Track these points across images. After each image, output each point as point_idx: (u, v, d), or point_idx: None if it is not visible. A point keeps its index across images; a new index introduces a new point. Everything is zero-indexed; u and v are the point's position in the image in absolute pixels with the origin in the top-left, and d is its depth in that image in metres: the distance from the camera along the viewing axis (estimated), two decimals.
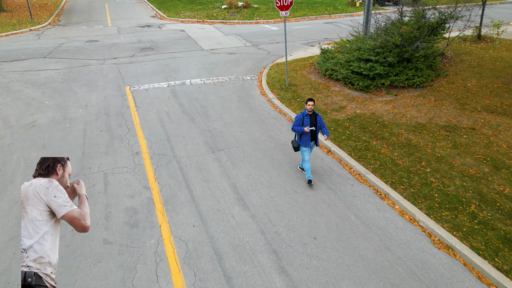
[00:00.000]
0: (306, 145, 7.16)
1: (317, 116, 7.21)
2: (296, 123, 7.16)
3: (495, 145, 7.72)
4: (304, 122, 7.08)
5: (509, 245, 5.53)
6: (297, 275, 5.28)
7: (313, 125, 7.14)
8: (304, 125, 7.06)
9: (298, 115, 7.20)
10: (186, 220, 6.40)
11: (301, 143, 7.19)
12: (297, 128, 7.11)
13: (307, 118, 7.10)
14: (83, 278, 5.24)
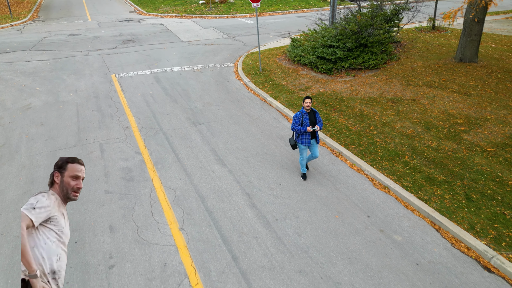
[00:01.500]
0: (306, 144, 7.07)
1: (315, 114, 7.12)
2: (296, 123, 7.00)
3: (429, 111, 9.32)
4: (303, 121, 6.94)
5: (430, 183, 7.06)
6: (264, 209, 6.65)
7: (312, 123, 7.02)
8: (304, 124, 6.94)
9: (297, 114, 7.03)
10: (174, 175, 7.67)
11: (301, 142, 7.10)
12: (298, 128, 6.97)
13: (306, 117, 6.96)
14: (91, 216, 6.44)
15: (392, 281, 5.19)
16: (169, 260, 5.53)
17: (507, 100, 9.35)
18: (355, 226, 6.23)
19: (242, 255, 5.64)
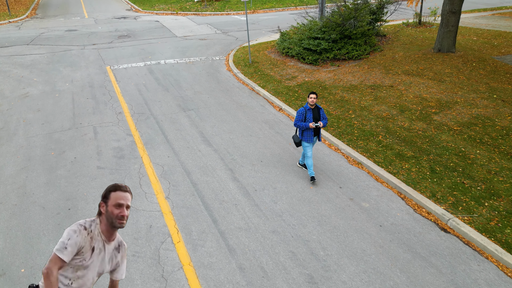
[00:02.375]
0: (309, 141, 6.91)
1: (320, 110, 6.92)
2: (298, 118, 6.84)
3: (404, 96, 9.88)
4: (307, 117, 6.77)
5: (399, 158, 7.60)
6: (245, 181, 7.17)
7: (316, 120, 6.83)
8: (307, 120, 6.77)
9: (300, 109, 6.85)
10: (162, 153, 8.19)
11: (304, 139, 6.94)
12: (301, 124, 6.79)
13: (309, 113, 6.78)
14: (84, 188, 6.96)
15: (356, 239, 5.72)
16: (154, 223, 6.05)
17: (478, 85, 9.91)
18: (327, 195, 6.76)
19: (221, 218, 6.16)
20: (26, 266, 5.21)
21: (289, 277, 5.04)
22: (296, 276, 5.05)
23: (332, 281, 4.97)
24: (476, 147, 7.54)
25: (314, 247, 5.57)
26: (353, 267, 5.20)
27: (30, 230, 5.90)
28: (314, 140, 7.01)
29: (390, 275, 5.07)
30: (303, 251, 5.49)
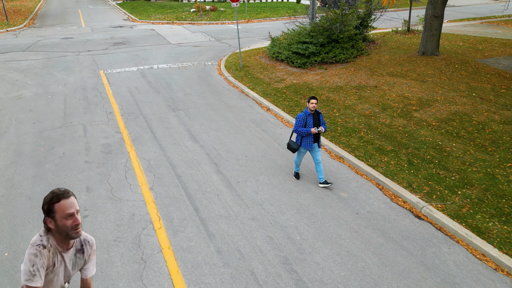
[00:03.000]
0: (308, 148, 6.67)
1: (319, 115, 6.71)
2: (299, 124, 6.59)
3: (387, 95, 10.15)
4: (307, 122, 6.54)
5: (379, 152, 7.81)
6: (229, 174, 7.36)
7: (316, 125, 6.60)
8: (307, 125, 6.53)
9: (300, 114, 6.62)
10: (149, 149, 8.39)
11: (303, 145, 6.71)
12: (302, 129, 6.53)
13: (310, 118, 6.55)
14: (70, 180, 7.13)
15: (332, 225, 5.89)
16: (137, 211, 6.21)
17: (458, 85, 10.19)
18: (307, 186, 6.95)
19: (203, 207, 6.33)
20: (10, 251, 5.35)
21: (265, 259, 5.19)
22: (271, 258, 5.21)
23: (306, 263, 5.13)
24: (453, 140, 7.77)
25: (291, 232, 5.73)
26: (327, 250, 5.37)
27: (16, 218, 6.05)
28: (314, 147, 6.70)
29: (363, 257, 5.23)
30: (280, 236, 5.66)
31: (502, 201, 5.98)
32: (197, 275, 4.92)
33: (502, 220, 5.62)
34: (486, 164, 6.89)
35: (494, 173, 6.63)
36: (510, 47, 14.30)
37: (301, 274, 4.93)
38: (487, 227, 5.55)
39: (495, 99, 9.15)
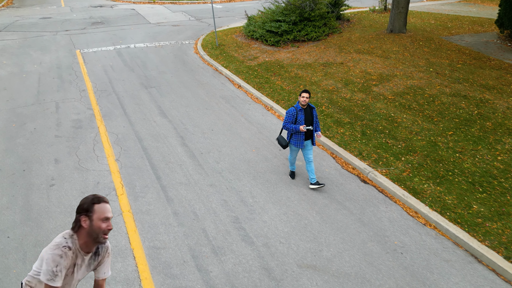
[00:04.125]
0: (299, 146, 6.05)
1: (312, 110, 6.09)
2: (288, 120, 6.01)
3: (351, 72, 10.55)
4: (298, 118, 5.94)
5: (336, 124, 8.26)
6: (193, 146, 7.75)
7: (308, 121, 6.00)
8: (298, 122, 5.94)
9: (291, 109, 6.00)
10: (119, 124, 8.70)
11: (292, 143, 6.10)
12: (290, 126, 5.96)
13: (301, 114, 5.95)
14: (40, 153, 7.45)
15: (283, 189, 6.35)
16: (102, 180, 6.60)
17: (419, 60, 10.62)
18: (266, 156, 7.38)
19: (165, 175, 6.74)
20: None
21: (217, 219, 5.65)
22: (223, 218, 5.67)
23: (254, 221, 5.61)
24: (404, 112, 8.24)
25: (244, 196, 6.19)
26: (275, 210, 5.85)
27: None
28: (306, 144, 6.16)
29: (307, 215, 5.73)
30: (234, 199, 6.11)
31: (439, 165, 6.50)
32: (153, 233, 5.37)
33: (436, 182, 6.14)
34: (430, 133, 7.39)
35: (436, 141, 7.14)
36: (478, 25, 14.71)
37: (248, 231, 5.41)
38: (422, 188, 6.07)
39: (450, 73, 9.62)
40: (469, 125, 7.44)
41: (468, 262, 4.85)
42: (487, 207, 5.52)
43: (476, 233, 5.13)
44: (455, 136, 7.18)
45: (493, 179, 6.02)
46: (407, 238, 5.27)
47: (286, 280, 4.61)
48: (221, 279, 4.62)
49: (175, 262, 4.87)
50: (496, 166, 6.26)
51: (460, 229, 5.22)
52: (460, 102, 8.26)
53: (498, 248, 4.88)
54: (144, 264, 4.84)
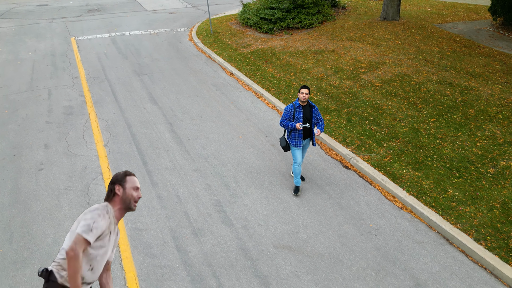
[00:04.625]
0: (297, 145, 5.70)
1: (312, 108, 5.71)
2: (285, 116, 5.66)
3: (342, 59, 10.58)
4: (295, 116, 5.60)
5: (323, 111, 8.34)
6: (181, 132, 7.88)
7: (307, 119, 5.66)
8: (295, 119, 5.59)
9: (288, 106, 5.65)
10: (109, 110, 8.83)
11: (291, 142, 5.75)
12: (287, 123, 5.61)
13: (299, 111, 5.58)
14: (30, 138, 7.60)
15: (266, 175, 6.49)
16: (90, 165, 6.75)
17: (409, 48, 10.64)
18: (253, 142, 7.51)
19: (151, 161, 6.89)
20: None
21: (199, 202, 5.82)
22: (205, 202, 5.83)
23: (235, 205, 5.76)
24: (390, 99, 8.32)
25: (228, 180, 6.34)
26: (257, 194, 6.00)
27: None
28: (305, 143, 5.87)
29: (287, 199, 5.88)
30: (218, 184, 6.26)
31: (420, 151, 6.61)
32: (136, 216, 5.54)
33: (416, 167, 6.26)
34: (413, 120, 7.48)
35: (418, 127, 7.23)
36: (474, 12, 14.63)
37: (229, 214, 5.58)
38: (401, 173, 6.20)
39: (438, 61, 9.64)
40: (451, 112, 7.52)
41: (439, 244, 5.00)
42: (462, 191, 5.65)
43: (449, 216, 5.27)
44: (437, 122, 7.27)
45: (470, 164, 6.13)
46: (383, 221, 5.42)
47: (262, 260, 4.79)
48: (199, 259, 4.80)
49: (155, 243, 5.05)
50: (475, 152, 6.37)
51: (434, 212, 5.36)
52: (445, 90, 8.32)
53: (469, 231, 5.02)
54: (125, 245, 5.02)
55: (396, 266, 4.68)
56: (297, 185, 6.00)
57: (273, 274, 4.59)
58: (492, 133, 6.74)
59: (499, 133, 6.71)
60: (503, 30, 11.62)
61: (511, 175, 5.79)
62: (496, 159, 6.14)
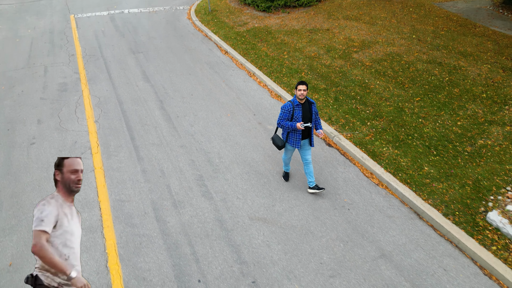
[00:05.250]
0: (295, 145, 5.28)
1: (312, 105, 5.27)
2: (283, 116, 5.19)
3: (335, 38, 10.53)
4: (294, 115, 5.15)
5: (312, 90, 8.39)
6: (171, 110, 8.03)
7: (307, 118, 5.21)
8: (294, 119, 5.16)
9: (286, 104, 5.17)
10: (102, 88, 8.99)
11: (289, 142, 5.33)
12: (286, 123, 5.16)
13: (298, 109, 5.15)
14: (24, 114, 7.83)
15: (250, 151, 6.65)
16: (79, 139, 6.97)
17: (404, 27, 10.52)
18: (240, 120, 7.64)
19: (139, 137, 7.08)
20: None
21: (182, 177, 6.02)
22: (188, 176, 6.03)
23: (217, 179, 5.96)
24: (378, 78, 8.33)
25: (212, 156, 6.52)
26: (239, 169, 6.18)
27: None
28: (303, 144, 5.42)
29: (267, 174, 6.05)
30: (202, 159, 6.45)
31: (401, 130, 6.69)
32: (120, 188, 5.77)
33: (395, 145, 6.36)
34: (399, 99, 7.51)
35: (403, 106, 7.28)
36: None
37: (210, 188, 5.78)
38: (381, 151, 6.30)
39: (431, 40, 9.55)
40: (437, 91, 7.52)
41: (409, 218, 5.16)
42: (437, 169, 5.76)
43: (422, 193, 5.41)
44: (422, 102, 7.30)
45: (448, 143, 6.20)
46: (358, 196, 5.57)
47: (236, 231, 5.00)
48: (176, 229, 5.04)
49: (136, 214, 5.29)
50: (454, 131, 6.43)
51: (407, 189, 5.49)
52: (433, 69, 8.28)
53: (439, 206, 5.16)
54: (108, 215, 5.27)
55: (365, 238, 4.86)
56: (286, 171, 5.95)
57: (246, 243, 4.82)
58: (474, 112, 6.77)
59: (480, 112, 6.74)
60: (503, 9, 11.38)
61: (487, 154, 5.87)
62: (475, 137, 6.21)
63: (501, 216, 4.74)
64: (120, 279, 4.36)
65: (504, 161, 5.67)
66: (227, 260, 4.60)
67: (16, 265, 4.56)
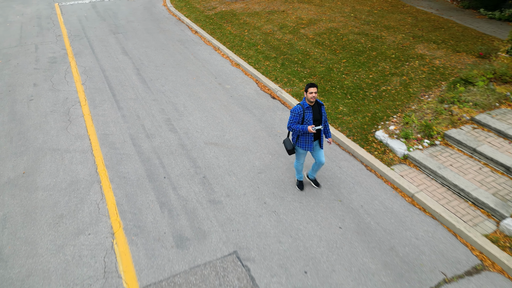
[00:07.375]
0: (307, 148, 5.28)
1: (321, 107, 5.23)
2: (294, 120, 5.16)
3: (288, 18, 12.29)
4: (305, 118, 5.10)
5: (265, 59, 10.12)
6: (145, 75, 9.63)
7: (317, 121, 5.18)
8: (305, 121, 5.11)
9: (296, 107, 5.14)
10: (87, 60, 10.51)
11: (300, 145, 5.32)
12: (297, 127, 5.14)
13: (309, 112, 5.10)
14: (22, 80, 9.31)
15: (210, 102, 8.33)
16: (70, 96, 8.53)
17: (346, 8, 12.35)
18: (203, 81, 9.31)
19: (119, 94, 8.68)
20: None
21: (154, 119, 7.66)
22: (158, 119, 7.68)
23: (181, 121, 7.63)
24: (317, 47, 10.12)
25: (178, 106, 8.18)
26: (199, 114, 7.86)
27: None
28: (315, 146, 5.43)
29: (221, 117, 7.75)
30: (170, 108, 8.10)
31: (328, 83, 8.48)
32: (105, 127, 7.38)
33: (321, 94, 8.14)
34: (330, 62, 9.32)
35: (332, 67, 9.08)
36: None
37: (175, 125, 7.45)
38: None
39: (365, 17, 11.40)
40: (359, 54, 9.36)
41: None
42: (348, 108, 7.57)
43: (334, 123, 7.20)
44: (347, 63, 9.13)
45: (360, 90, 8.03)
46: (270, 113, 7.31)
47: (194, 150, 6.70)
48: (148, 149, 6.70)
49: (118, 141, 6.93)
50: (366, 82, 8.26)
51: None
52: (361, 39, 10.13)
53: (344, 131, 6.96)
54: (96, 143, 6.89)
55: None
56: (300, 180, 5.87)
57: (200, 157, 6.52)
58: (383, 68, 8.63)
59: (387, 67, 8.60)
60: None
61: (386, 96, 7.72)
62: (380, 85, 8.06)
63: (384, 133, 6.57)
64: (107, 178, 6.01)
65: (397, 99, 7.53)
66: (185, 166, 6.30)
67: (28, 173, 6.14)
